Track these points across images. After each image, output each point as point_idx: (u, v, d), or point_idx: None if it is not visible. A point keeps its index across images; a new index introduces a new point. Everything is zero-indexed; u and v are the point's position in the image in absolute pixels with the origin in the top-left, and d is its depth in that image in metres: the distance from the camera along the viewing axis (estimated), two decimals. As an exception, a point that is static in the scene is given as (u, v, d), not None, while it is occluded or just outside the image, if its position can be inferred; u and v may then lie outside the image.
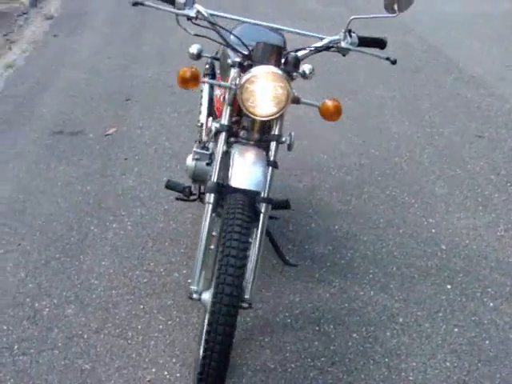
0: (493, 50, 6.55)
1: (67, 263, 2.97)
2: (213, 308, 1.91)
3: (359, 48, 2.39)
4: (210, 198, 2.19)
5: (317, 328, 2.61)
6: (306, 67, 2.61)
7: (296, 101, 2.30)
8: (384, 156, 4.12)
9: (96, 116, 4.60)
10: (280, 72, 2.14)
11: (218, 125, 2.27)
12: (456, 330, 2.63)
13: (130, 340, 2.53)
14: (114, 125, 4.44)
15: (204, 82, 2.30)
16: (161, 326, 2.61)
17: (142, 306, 2.71)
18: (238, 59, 2.28)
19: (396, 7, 2.32)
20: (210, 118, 2.36)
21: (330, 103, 2.28)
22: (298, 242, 3.17)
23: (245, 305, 2.17)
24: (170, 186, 2.67)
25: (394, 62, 2.40)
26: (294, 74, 2.29)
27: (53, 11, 7.72)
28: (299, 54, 2.34)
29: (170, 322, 2.62)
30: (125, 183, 3.68)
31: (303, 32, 2.49)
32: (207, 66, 3.17)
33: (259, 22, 2.45)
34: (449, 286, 2.88)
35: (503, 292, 2.86)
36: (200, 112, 3.12)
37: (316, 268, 2.98)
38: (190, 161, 2.61)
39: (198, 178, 2.62)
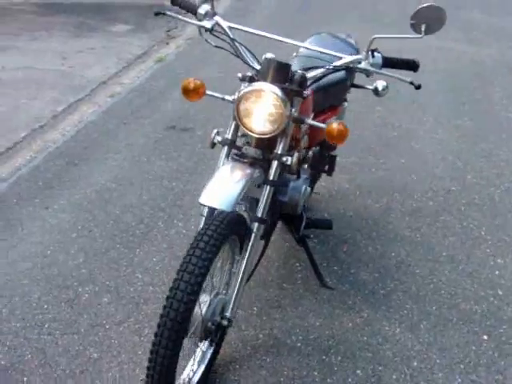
0: None
1: (123, 254, 3.07)
2: (159, 321, 1.88)
3: (383, 70, 2.21)
4: (204, 210, 2.16)
5: (323, 357, 2.47)
6: (379, 84, 2.47)
7: (299, 121, 2.17)
8: (480, 184, 3.78)
9: (212, 114, 4.68)
10: (277, 90, 2.04)
11: (220, 138, 2.22)
12: (471, 386, 2.35)
13: (143, 337, 2.57)
14: (224, 125, 4.49)
15: (207, 95, 2.25)
16: (176, 329, 2.61)
17: (169, 306, 2.73)
18: (249, 74, 2.21)
19: (423, 28, 2.13)
20: (215, 131, 2.30)
21: (334, 126, 2.11)
22: (346, 264, 3.01)
23: (224, 322, 2.13)
24: None
25: (418, 87, 2.20)
26: (305, 92, 2.16)
27: (220, 9, 7.95)
28: (312, 73, 2.22)
29: (186, 327, 2.62)
30: (208, 183, 3.71)
31: (322, 50, 2.35)
32: None
33: (277, 37, 2.35)
34: (485, 337, 2.58)
35: (546, 353, 2.51)
36: None
37: (352, 294, 2.81)
38: None
39: None
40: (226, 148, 2.22)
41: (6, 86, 5.20)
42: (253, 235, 2.14)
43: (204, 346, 2.31)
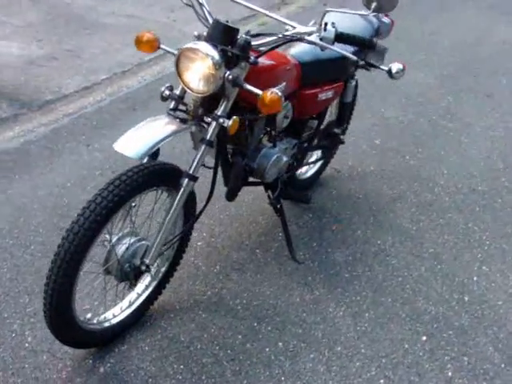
0: None
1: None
2: (56, 251, 2.01)
3: (331, 45, 2.16)
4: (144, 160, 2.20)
5: (255, 324, 2.49)
6: (394, 66, 2.46)
7: (237, 85, 2.11)
8: (509, 188, 3.51)
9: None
10: (211, 51, 2.00)
11: (168, 92, 2.25)
12: (382, 381, 2.27)
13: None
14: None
15: (161, 49, 2.28)
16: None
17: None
18: (204, 33, 2.21)
19: (373, 6, 2.08)
20: (166, 85, 2.31)
21: (267, 94, 2.03)
22: (327, 243, 2.97)
23: (142, 267, 2.21)
24: None
25: (356, 62, 2.17)
26: (252, 58, 2.10)
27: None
28: (260, 41, 2.18)
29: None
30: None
31: (277, 17, 2.30)
32: None
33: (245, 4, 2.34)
34: (424, 338, 2.46)
35: (478, 369, 2.35)
36: None
37: (315, 272, 2.79)
38: None
39: None
40: (173, 103, 2.24)
41: (107, 31, 5.52)
42: (181, 190, 2.18)
43: (140, 289, 2.43)
